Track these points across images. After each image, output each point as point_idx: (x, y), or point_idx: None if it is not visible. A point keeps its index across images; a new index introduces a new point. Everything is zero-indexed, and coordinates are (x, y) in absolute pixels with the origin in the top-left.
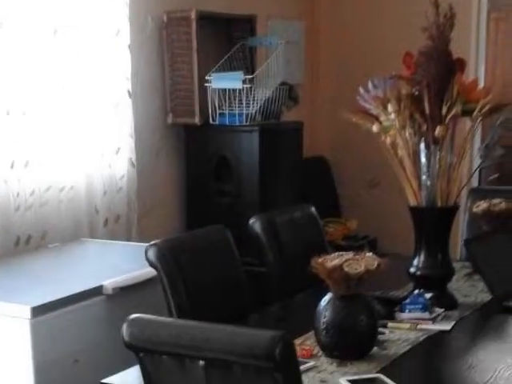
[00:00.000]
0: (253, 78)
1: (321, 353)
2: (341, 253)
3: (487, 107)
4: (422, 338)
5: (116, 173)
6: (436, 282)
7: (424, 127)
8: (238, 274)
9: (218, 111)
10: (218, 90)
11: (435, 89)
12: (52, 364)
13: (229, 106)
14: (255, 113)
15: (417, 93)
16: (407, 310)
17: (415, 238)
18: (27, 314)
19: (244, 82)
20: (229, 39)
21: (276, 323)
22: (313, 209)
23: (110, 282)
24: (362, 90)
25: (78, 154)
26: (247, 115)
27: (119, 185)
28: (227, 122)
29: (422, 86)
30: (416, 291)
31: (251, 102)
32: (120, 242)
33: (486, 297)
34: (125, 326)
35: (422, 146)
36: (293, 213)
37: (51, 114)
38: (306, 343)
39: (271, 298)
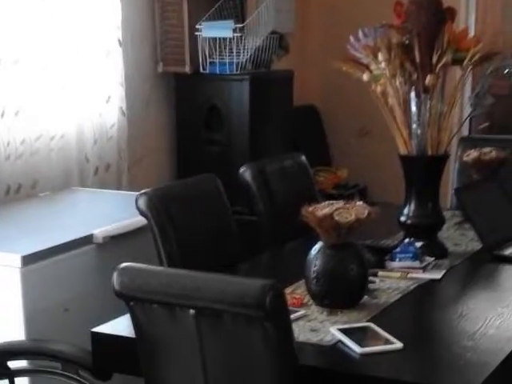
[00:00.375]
0: (243, 26)
1: (311, 302)
2: (331, 202)
3: (477, 56)
4: (412, 287)
5: (106, 122)
6: (426, 230)
7: (414, 76)
8: (228, 222)
9: (208, 60)
10: (209, 38)
11: (425, 38)
12: (42, 313)
13: (219, 55)
14: (245, 62)
15: (407, 42)
16: (397, 259)
17: (405, 187)
18: (17, 262)
19: (234, 30)
20: None
21: (266, 272)
22: (303, 157)
23: (100, 230)
24: (352, 39)
25: (68, 102)
26: (237, 64)
27: (109, 134)
28: (217, 71)
29: (413, 35)
30: (406, 240)
31: (241, 51)
32: (110, 190)
33: (477, 245)
34: (115, 275)
35: (413, 94)
36: (283, 161)
37: (42, 63)
38: (296, 292)
39: (261, 247)
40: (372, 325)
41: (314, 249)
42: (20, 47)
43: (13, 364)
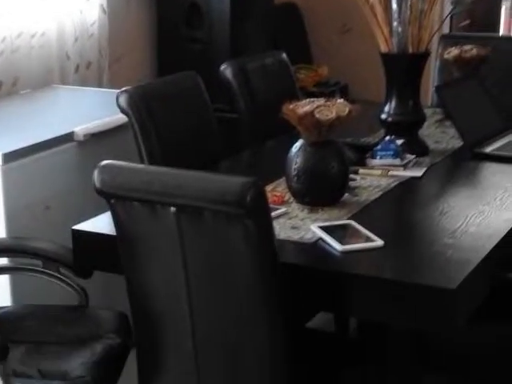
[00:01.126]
0: None
1: (292, 199)
2: (312, 99)
3: None
4: (393, 185)
5: (87, 19)
6: (407, 127)
7: None
8: (208, 120)
9: None
10: None
11: None
12: (23, 211)
13: None
14: None
15: None
16: (378, 157)
17: (386, 85)
18: None
19: None
20: None
21: (247, 170)
22: (284, 55)
23: (81, 128)
24: None
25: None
26: None
27: (90, 31)
28: None
29: None
30: (387, 138)
31: None
32: (91, 88)
33: (457, 143)
34: (96, 173)
35: None
36: (264, 59)
37: None
38: (277, 190)
39: (242, 145)
40: (353, 222)
41: (294, 146)
42: None
43: None
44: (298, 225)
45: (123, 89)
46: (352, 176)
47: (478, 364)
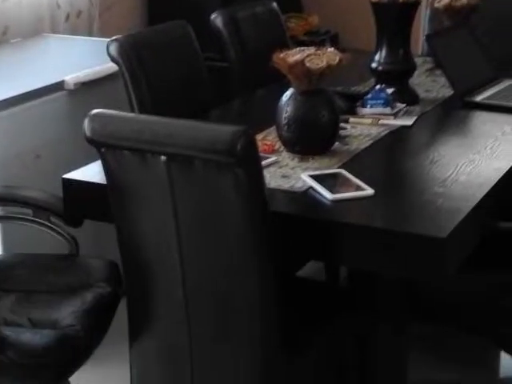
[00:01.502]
0: None
1: (282, 148)
2: (302, 48)
3: None
4: (383, 134)
5: None
6: (397, 76)
7: None
8: (199, 69)
9: None
10: None
11: None
12: (14, 159)
13: None
14: None
15: None
16: (369, 106)
17: (377, 34)
18: None
19: None
20: None
21: (237, 118)
22: (274, 4)
23: (71, 77)
24: None
25: None
26: None
27: None
28: None
29: None
30: (377, 86)
31: None
32: (81, 37)
33: (448, 92)
34: (86, 122)
35: None
36: (254, 8)
37: None
38: (267, 138)
39: (233, 94)
40: (343, 171)
41: (285, 95)
42: None
43: None
44: (289, 174)
45: (113, 38)
46: (342, 125)
47: (468, 313)
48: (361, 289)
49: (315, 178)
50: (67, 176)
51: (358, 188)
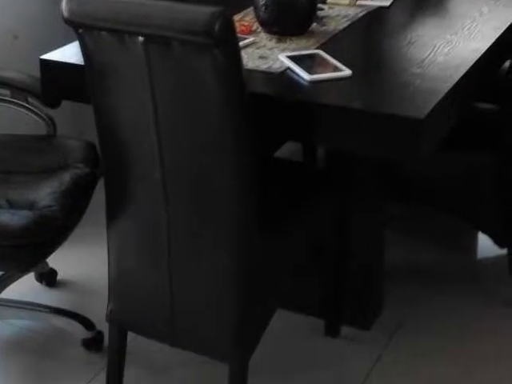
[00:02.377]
0: None
1: (260, 29)
2: None
3: None
4: (361, 14)
5: None
6: None
7: None
8: None
9: None
10: None
11: None
12: None
13: None
14: None
15: None
16: None
17: None
18: None
19: None
20: None
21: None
22: None
23: None
24: None
25: None
26: None
27: None
28: None
29: None
30: None
31: None
32: None
33: None
34: (64, 2)
35: None
36: None
37: None
38: (245, 19)
39: None
40: (321, 52)
41: None
42: None
43: None
44: (266, 54)
45: None
46: (320, 5)
47: (446, 194)
48: (338, 169)
49: (293, 58)
50: (45, 57)
51: (336, 69)
